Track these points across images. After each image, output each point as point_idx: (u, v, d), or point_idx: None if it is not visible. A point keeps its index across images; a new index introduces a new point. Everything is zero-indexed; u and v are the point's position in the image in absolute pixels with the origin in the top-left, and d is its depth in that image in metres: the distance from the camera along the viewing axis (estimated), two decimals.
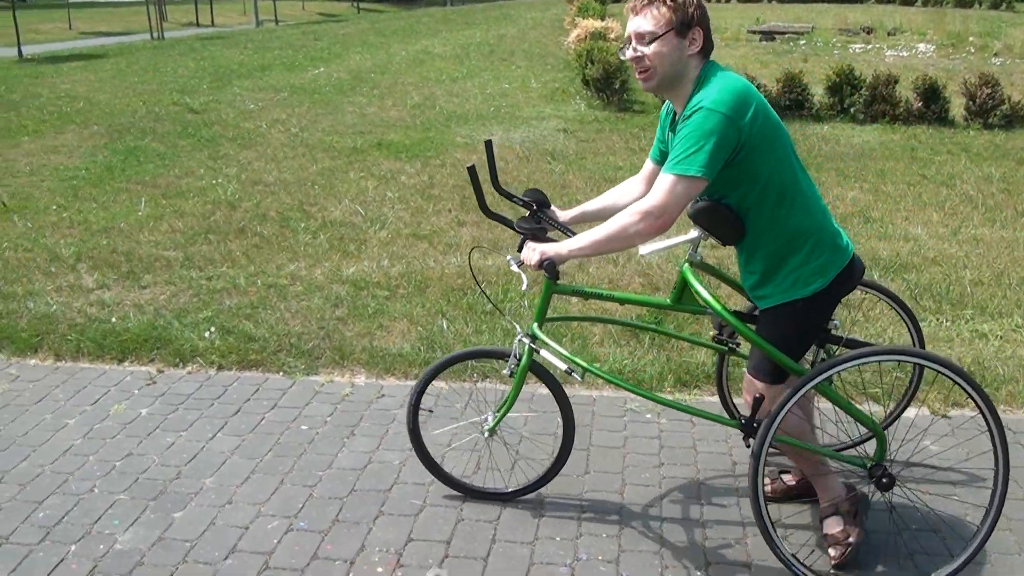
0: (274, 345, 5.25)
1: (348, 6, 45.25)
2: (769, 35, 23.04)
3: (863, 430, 4.04)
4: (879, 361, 3.16)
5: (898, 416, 4.11)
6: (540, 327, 3.48)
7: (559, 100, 13.70)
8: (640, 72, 3.04)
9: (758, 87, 12.33)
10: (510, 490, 3.81)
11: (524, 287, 3.41)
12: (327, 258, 6.74)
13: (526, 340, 3.48)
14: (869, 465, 3.23)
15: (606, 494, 3.84)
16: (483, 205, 3.42)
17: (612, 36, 16.84)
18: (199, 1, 37.09)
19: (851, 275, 3.17)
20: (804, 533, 3.58)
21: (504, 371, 3.67)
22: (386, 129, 11.91)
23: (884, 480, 3.19)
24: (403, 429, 4.29)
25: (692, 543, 3.52)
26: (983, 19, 29.50)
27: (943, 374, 3.06)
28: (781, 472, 3.86)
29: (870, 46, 21.29)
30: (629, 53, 3.06)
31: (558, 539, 3.54)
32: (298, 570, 3.38)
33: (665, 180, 2.93)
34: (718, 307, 3.28)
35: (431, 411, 3.52)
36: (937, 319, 5.51)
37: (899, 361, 3.15)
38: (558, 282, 3.38)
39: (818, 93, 12.58)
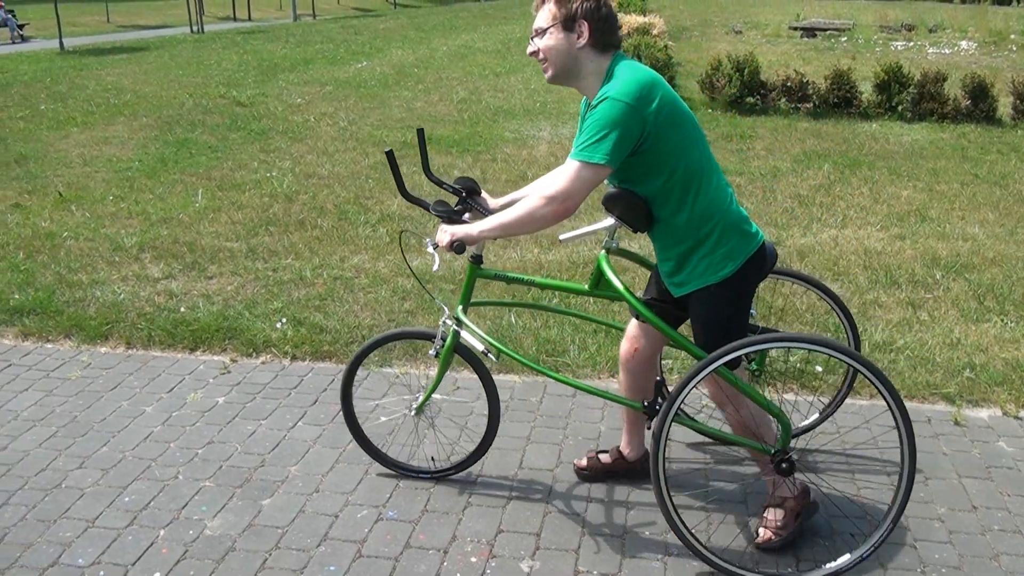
0: (346, 337, 5.27)
1: (383, 1, 45.40)
2: (810, 32, 22.92)
3: (812, 419, 4.20)
4: (774, 348, 3.17)
5: (836, 407, 4.17)
6: (465, 310, 3.61)
7: None
8: (541, 65, 3.20)
9: (804, 84, 12.30)
10: (435, 469, 3.95)
11: (435, 267, 3.49)
12: (389, 251, 6.77)
13: (450, 322, 3.63)
14: (772, 451, 3.27)
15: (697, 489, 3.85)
16: (402, 188, 3.51)
17: (656, 31, 16.79)
18: None
19: (763, 261, 3.24)
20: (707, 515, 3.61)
21: (430, 352, 3.74)
22: (434, 123, 11.93)
23: (784, 465, 3.24)
24: (483, 422, 4.30)
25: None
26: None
27: (842, 360, 3.10)
28: (598, 451, 3.93)
29: (912, 43, 21.14)
30: (530, 48, 3.22)
31: (647, 533, 3.54)
32: (391, 558, 3.40)
33: (570, 166, 3.04)
34: (626, 294, 3.34)
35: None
36: (1002, 320, 5.47)
37: (793, 348, 3.23)
38: (482, 267, 3.56)
39: (866, 91, 12.49)
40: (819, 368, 4.79)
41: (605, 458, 3.88)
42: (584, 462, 3.90)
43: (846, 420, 4.35)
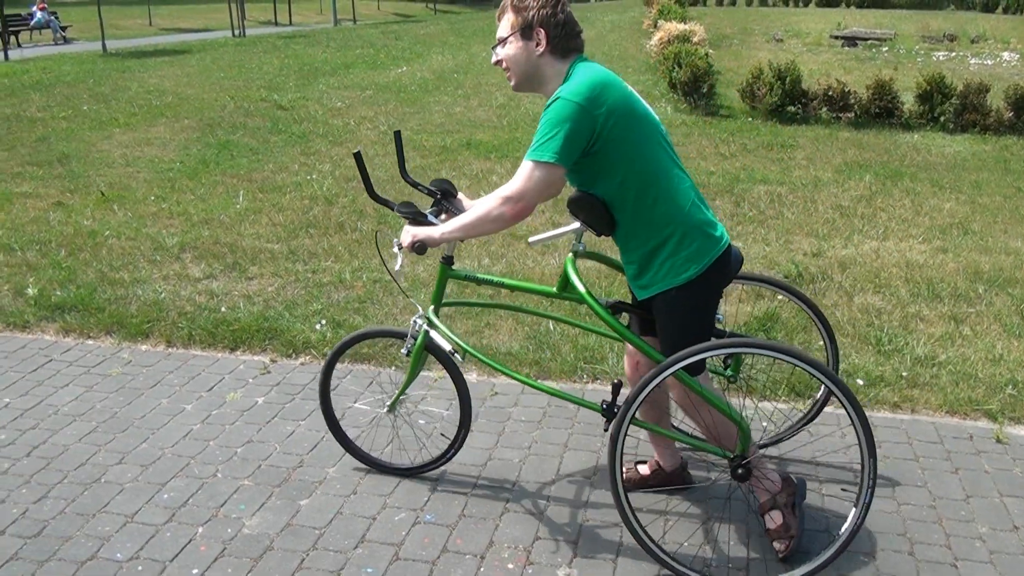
0: (384, 340, 5.28)
1: (423, 7, 45.61)
2: (851, 41, 22.78)
3: (789, 422, 4.21)
4: (733, 353, 3.18)
5: (813, 418, 4.11)
6: (436, 310, 3.69)
7: None
8: (505, 74, 3.25)
9: (846, 93, 12.21)
10: (404, 466, 4.01)
11: (397, 266, 3.57)
12: (429, 255, 6.75)
13: (420, 321, 3.70)
14: (730, 456, 3.26)
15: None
16: (369, 189, 3.57)
17: (696, 39, 16.74)
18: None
19: (727, 264, 3.23)
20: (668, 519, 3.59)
21: (402, 351, 3.78)
22: (474, 129, 11.95)
23: (740, 471, 3.23)
24: (520, 427, 4.30)
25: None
26: None
27: (797, 365, 3.05)
28: (637, 462, 3.91)
29: (953, 54, 20.96)
30: (493, 57, 3.27)
31: (686, 543, 3.51)
32: (428, 562, 3.39)
33: (523, 167, 3.08)
34: (587, 297, 3.36)
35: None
36: None
37: (753, 353, 3.20)
38: (453, 268, 3.63)
39: (908, 101, 12.39)
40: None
41: (643, 469, 3.87)
42: (625, 475, 3.88)
43: (818, 428, 4.33)
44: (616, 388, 3.36)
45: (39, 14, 29.02)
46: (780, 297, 5.65)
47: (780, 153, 10.39)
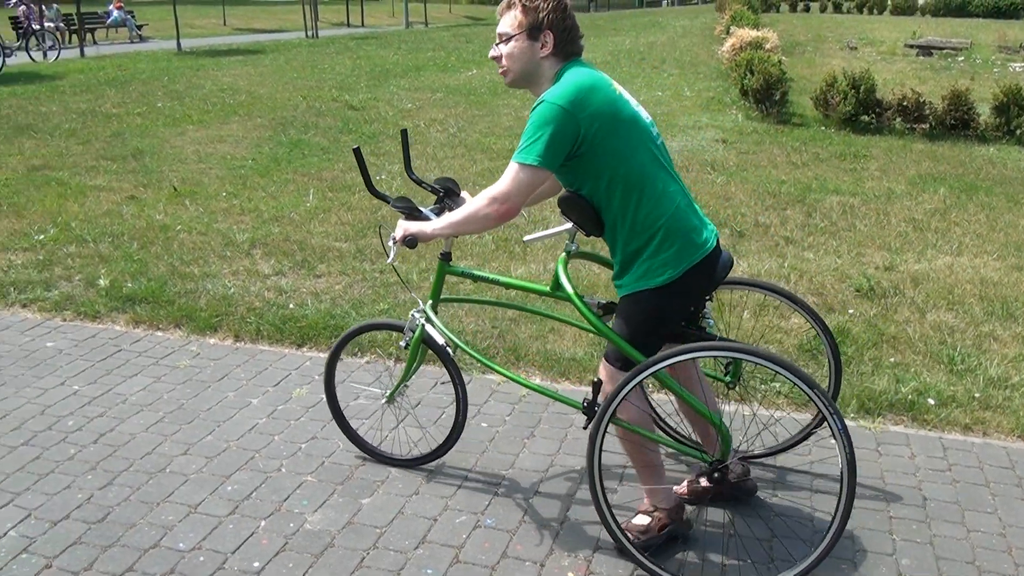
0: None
1: (493, 10, 45.74)
2: (926, 50, 22.39)
3: (790, 432, 4.17)
4: (711, 356, 3.16)
5: (814, 429, 4.03)
6: (434, 306, 3.79)
7: (715, 110, 13.53)
8: (500, 69, 3.27)
9: (921, 104, 11.99)
10: (406, 457, 4.09)
11: (389, 259, 3.56)
12: (494, 258, 6.78)
13: (418, 315, 3.79)
14: (710, 460, 3.25)
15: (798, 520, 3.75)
16: (368, 185, 3.68)
17: (768, 46, 16.57)
18: (350, 1, 37.84)
19: (709, 270, 3.23)
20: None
21: (401, 343, 3.88)
22: None
23: (716, 476, 3.24)
24: (583, 435, 4.26)
25: None
26: None
27: (780, 373, 3.01)
28: (698, 475, 3.78)
29: None
30: (492, 51, 3.29)
31: (749, 560, 3.45)
32: (488, 567, 3.38)
33: (510, 168, 3.11)
34: (575, 298, 3.39)
35: None
36: None
37: (733, 358, 3.24)
38: (451, 264, 3.71)
39: (984, 113, 12.13)
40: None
41: (704, 482, 3.80)
42: (684, 488, 3.81)
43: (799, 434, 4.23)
44: (596, 387, 3.39)
45: (116, 12, 29.58)
46: (777, 303, 5.53)
47: (853, 163, 10.23)
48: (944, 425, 4.46)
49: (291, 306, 5.80)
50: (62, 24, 27.10)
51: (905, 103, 12.23)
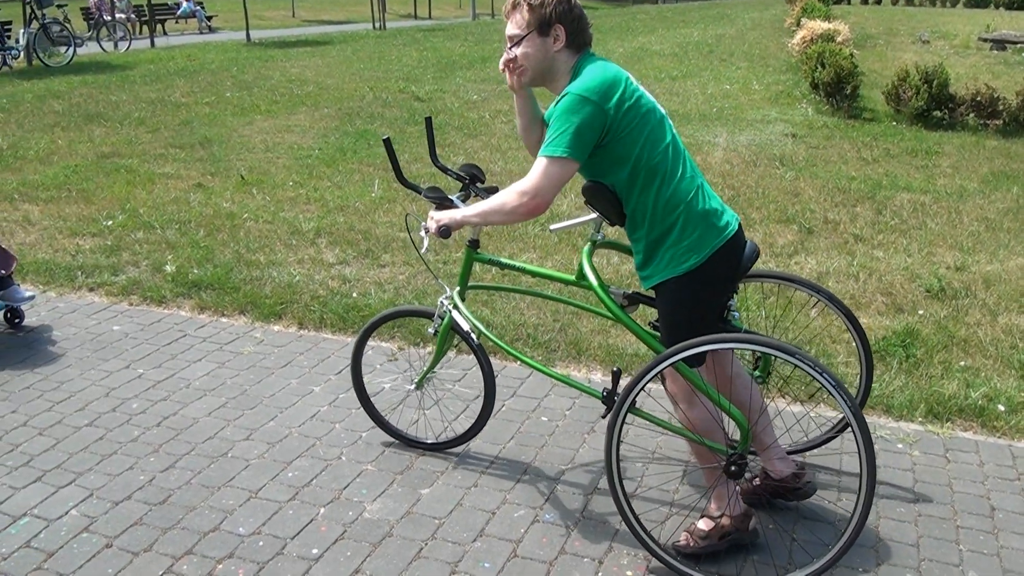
0: (511, 334, 5.27)
1: None
2: (1000, 44, 21.81)
3: (822, 430, 4.08)
4: (733, 348, 3.12)
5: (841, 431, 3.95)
6: (462, 292, 3.82)
7: (784, 103, 13.34)
8: (515, 71, 3.25)
9: (995, 99, 11.70)
10: (429, 441, 4.14)
11: (423, 249, 3.63)
12: (557, 251, 6.74)
13: (445, 302, 3.82)
14: (728, 452, 3.19)
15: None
16: (399, 174, 3.73)
17: (840, 39, 16.29)
18: None
19: (733, 255, 3.21)
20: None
21: (429, 330, 3.93)
22: None
23: (733, 468, 3.18)
24: (644, 432, 4.22)
25: None
26: None
27: (805, 370, 2.96)
28: (752, 477, 3.74)
29: None
30: (505, 56, 3.25)
31: (813, 564, 3.39)
32: (546, 562, 3.35)
33: (538, 163, 3.10)
34: (598, 289, 3.39)
35: None
36: None
37: (756, 351, 3.20)
38: (479, 251, 3.74)
39: None
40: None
41: (756, 481, 3.74)
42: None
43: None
44: (616, 376, 3.38)
45: (185, 4, 29.95)
46: (811, 299, 5.38)
47: (924, 160, 10.01)
48: (1014, 433, 4.34)
49: (354, 295, 5.83)
50: (133, 15, 27.53)
51: (979, 98, 11.93)
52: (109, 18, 23.48)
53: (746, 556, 3.40)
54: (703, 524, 3.40)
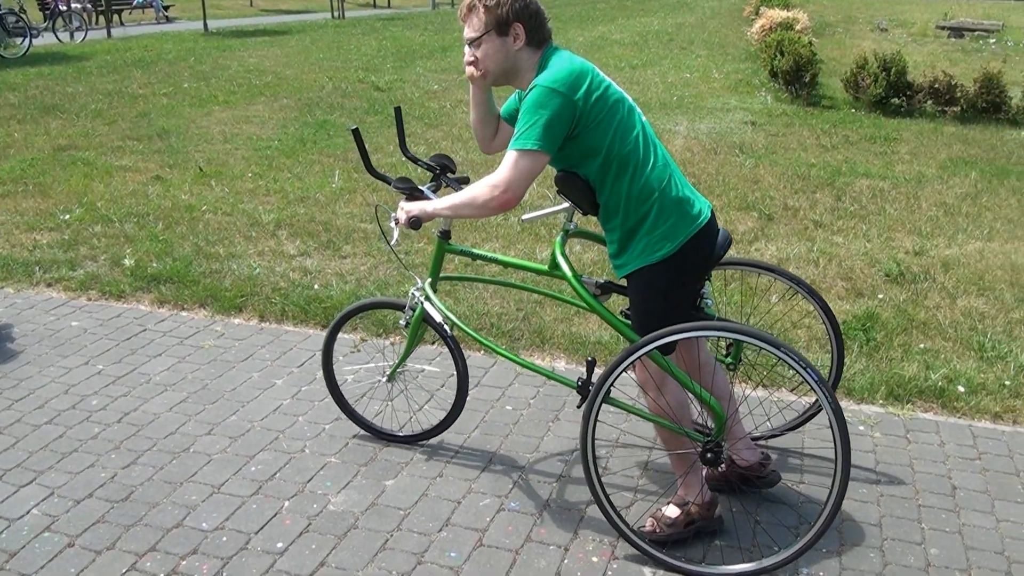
0: (474, 323, 5.26)
1: None
2: (958, 32, 22.06)
3: (786, 416, 4.14)
4: (706, 336, 3.13)
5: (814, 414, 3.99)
6: (434, 283, 3.81)
7: (744, 92, 13.40)
8: (476, 72, 3.25)
9: (953, 86, 11.83)
10: (401, 433, 4.12)
11: (393, 241, 3.62)
12: (519, 240, 6.73)
13: (417, 293, 3.81)
14: (703, 439, 3.23)
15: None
16: (368, 165, 3.71)
17: (798, 27, 16.37)
18: None
19: (707, 242, 3.22)
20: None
21: (400, 322, 3.92)
22: None
23: (709, 456, 3.21)
24: (608, 418, 4.23)
25: None
26: None
27: (788, 363, 2.98)
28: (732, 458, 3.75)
29: None
30: (466, 57, 3.26)
31: (775, 548, 3.42)
32: (512, 550, 3.36)
33: (508, 156, 3.08)
34: (572, 279, 3.42)
35: None
36: None
37: (726, 338, 3.24)
38: (450, 242, 3.73)
39: (1016, 96, 11.94)
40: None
41: (722, 468, 3.75)
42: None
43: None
44: (590, 366, 3.39)
45: None
46: (779, 284, 5.36)
47: (883, 147, 10.10)
48: (974, 413, 4.40)
49: (316, 287, 5.79)
50: (89, 5, 27.11)
51: (936, 86, 12.05)
52: (65, 8, 23.12)
53: (711, 540, 3.43)
54: (671, 511, 3.41)
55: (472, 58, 3.21)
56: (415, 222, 3.35)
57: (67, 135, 10.54)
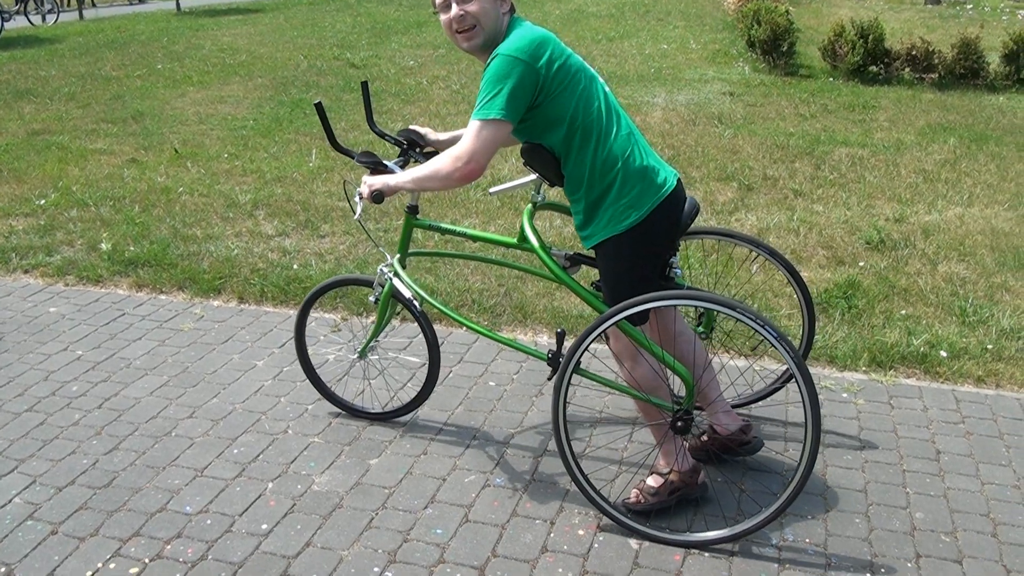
0: (456, 300, 5.24)
1: None
2: None
3: (767, 382, 4.18)
4: (675, 305, 3.16)
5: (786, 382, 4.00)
6: (402, 259, 3.80)
7: (721, 62, 13.35)
8: (462, 32, 3.14)
9: (930, 53, 11.82)
10: (376, 411, 4.12)
11: (356, 215, 3.55)
12: (500, 215, 6.70)
13: (385, 270, 3.80)
14: (673, 408, 3.23)
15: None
16: (332, 140, 3.67)
17: None
18: None
19: (673, 211, 3.21)
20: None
21: (370, 299, 3.91)
22: None
23: (680, 424, 3.21)
24: (591, 392, 4.22)
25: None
26: None
27: (746, 323, 3.00)
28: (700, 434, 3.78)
29: None
30: (454, 12, 3.11)
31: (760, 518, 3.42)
32: (498, 525, 3.35)
33: (471, 127, 3.06)
34: (539, 251, 3.43)
35: None
36: None
37: (698, 307, 3.24)
38: (418, 217, 3.74)
39: (993, 62, 11.94)
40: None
41: (704, 437, 3.76)
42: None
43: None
44: (560, 337, 3.37)
45: None
46: (752, 254, 5.33)
47: (862, 115, 10.09)
48: (957, 377, 4.41)
49: (295, 267, 5.75)
50: None
51: (914, 53, 12.03)
52: None
53: (696, 509, 3.44)
54: (652, 481, 3.41)
55: (461, 12, 3.08)
56: (378, 196, 3.34)
57: (41, 119, 10.44)
